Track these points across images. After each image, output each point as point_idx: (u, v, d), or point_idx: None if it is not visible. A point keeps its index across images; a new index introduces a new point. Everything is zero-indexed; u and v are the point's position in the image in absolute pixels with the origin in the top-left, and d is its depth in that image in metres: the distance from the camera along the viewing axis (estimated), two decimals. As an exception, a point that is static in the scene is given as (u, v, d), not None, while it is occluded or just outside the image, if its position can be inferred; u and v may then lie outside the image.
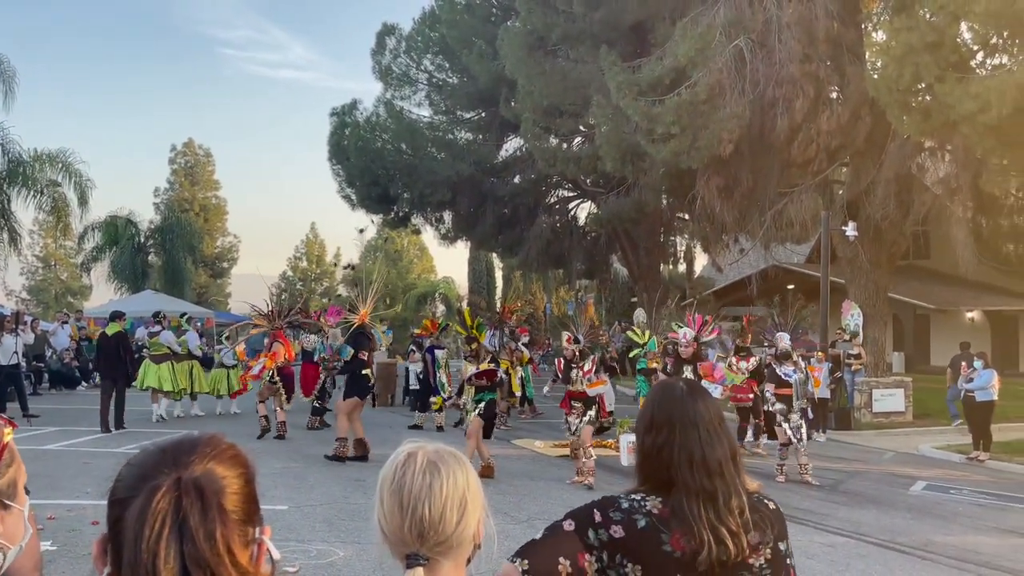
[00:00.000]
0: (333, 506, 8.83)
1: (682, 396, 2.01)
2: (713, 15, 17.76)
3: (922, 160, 18.83)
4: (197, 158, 53.50)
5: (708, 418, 1.97)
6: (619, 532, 1.88)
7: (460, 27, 27.18)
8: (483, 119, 29.82)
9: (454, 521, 1.50)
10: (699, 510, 1.87)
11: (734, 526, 1.86)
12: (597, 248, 31.56)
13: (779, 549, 1.95)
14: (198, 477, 1.12)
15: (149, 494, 1.09)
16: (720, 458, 1.93)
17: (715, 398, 2.15)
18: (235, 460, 1.19)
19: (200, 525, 1.08)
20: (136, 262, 33.97)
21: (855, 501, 10.25)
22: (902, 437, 16.05)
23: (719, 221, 20.30)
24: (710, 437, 1.94)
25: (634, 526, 1.88)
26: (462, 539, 1.53)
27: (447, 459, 1.56)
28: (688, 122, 17.07)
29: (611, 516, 1.90)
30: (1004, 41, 14.38)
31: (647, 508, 1.91)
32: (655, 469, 1.96)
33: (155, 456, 1.17)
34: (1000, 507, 10.23)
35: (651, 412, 2.03)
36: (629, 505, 1.92)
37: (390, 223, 33.60)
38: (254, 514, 1.18)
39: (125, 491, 1.14)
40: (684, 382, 2.12)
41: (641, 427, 2.05)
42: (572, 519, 1.92)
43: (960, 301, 26.84)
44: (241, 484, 1.17)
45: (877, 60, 16.00)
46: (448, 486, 1.51)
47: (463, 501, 1.52)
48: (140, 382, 15.65)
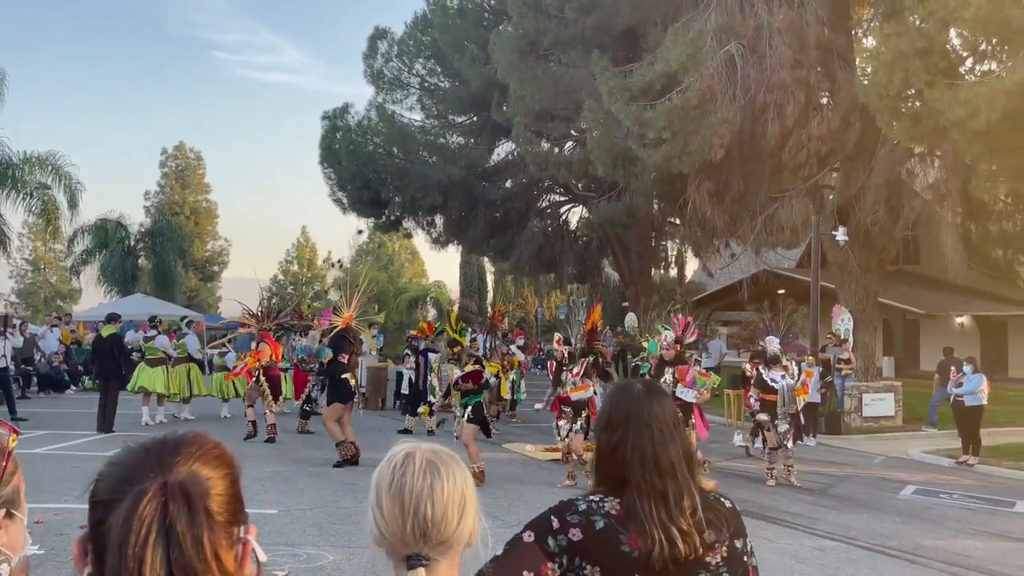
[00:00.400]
0: (323, 510, 8.81)
1: (638, 397, 2.04)
2: (704, 20, 17.82)
3: (912, 166, 18.92)
4: (188, 161, 53.36)
5: (662, 419, 1.99)
6: (577, 535, 1.89)
7: (452, 31, 27.20)
8: (475, 123, 29.83)
9: (455, 520, 1.51)
10: (651, 509, 1.89)
11: (685, 525, 1.89)
12: (588, 252, 31.59)
13: (735, 547, 1.96)
14: (184, 481, 1.10)
15: (135, 499, 1.07)
16: (672, 458, 1.95)
17: (671, 399, 2.17)
18: (220, 460, 1.18)
19: (187, 531, 1.07)
20: (126, 265, 33.84)
21: (845, 505, 10.27)
22: (892, 441, 16.09)
23: (710, 226, 20.34)
24: (663, 437, 1.97)
25: (592, 528, 1.90)
26: (461, 538, 1.53)
27: (445, 459, 1.56)
28: (679, 127, 17.11)
29: (568, 520, 1.92)
30: (993, 47, 14.47)
31: (605, 509, 1.93)
32: (610, 468, 1.99)
33: (138, 456, 1.15)
34: (989, 511, 10.27)
35: (608, 412, 2.06)
36: (587, 507, 1.94)
37: (381, 227, 33.57)
38: (239, 514, 1.17)
39: (107, 492, 1.12)
40: (641, 383, 2.14)
41: (599, 427, 2.08)
42: (531, 530, 1.93)
43: (950, 306, 26.96)
44: (226, 485, 1.16)
45: (867, 66, 16.08)
46: (449, 486, 1.51)
47: (463, 500, 1.52)
48: (133, 385, 15.71)
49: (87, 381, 22.48)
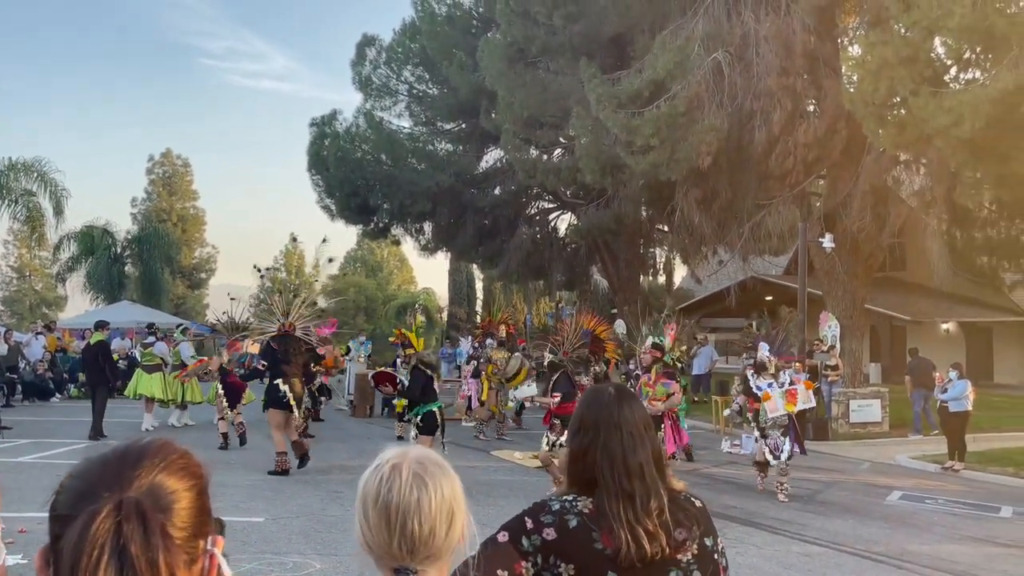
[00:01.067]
0: (310, 518, 8.77)
1: (609, 401, 2.10)
2: (692, 28, 17.91)
3: (898, 173, 19.04)
4: (175, 168, 53.16)
5: (632, 422, 2.05)
6: (551, 534, 1.94)
7: (440, 39, 27.23)
8: (463, 130, 29.85)
9: (443, 533, 1.49)
10: (619, 510, 1.95)
11: (651, 526, 1.94)
12: (577, 259, 31.63)
13: (705, 545, 2.02)
14: (140, 499, 1.05)
15: (88, 519, 1.02)
16: (641, 461, 2.01)
17: (641, 403, 2.21)
18: (185, 471, 1.12)
19: (142, 553, 1.02)
20: (112, 273, 33.65)
21: (832, 511, 10.30)
22: (879, 447, 16.16)
23: (698, 233, 20.41)
24: (632, 440, 2.02)
25: (566, 526, 1.95)
26: (449, 548, 1.52)
27: (432, 470, 1.53)
28: (667, 134, 17.18)
29: (542, 520, 1.97)
30: (977, 56, 14.60)
31: (578, 508, 1.98)
32: (581, 470, 2.04)
33: (97, 470, 1.10)
34: (975, 516, 10.32)
35: (580, 415, 2.12)
36: (560, 507, 1.99)
37: (370, 234, 33.51)
38: (205, 526, 1.12)
39: (65, 507, 1.07)
40: (614, 387, 2.19)
41: (571, 429, 2.14)
42: (505, 530, 1.99)
43: (936, 312, 27.11)
44: (192, 497, 1.11)
45: (853, 74, 16.18)
46: (436, 500, 1.49)
47: (451, 512, 1.51)
48: (132, 391, 15.94)
49: (72, 389, 22.34)
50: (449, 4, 28.16)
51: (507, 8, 22.22)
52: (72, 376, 22.80)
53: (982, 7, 12.26)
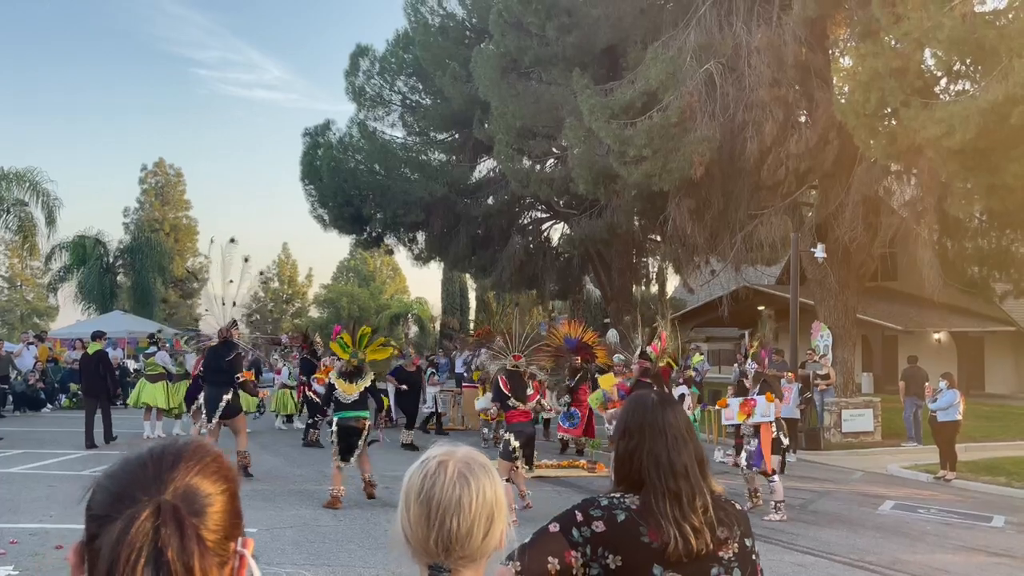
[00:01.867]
0: (303, 528, 8.75)
1: (653, 406, 2.22)
2: (684, 39, 18.00)
3: (889, 183, 19.13)
4: (168, 178, 53.13)
5: (676, 426, 2.18)
6: (600, 527, 2.06)
7: (433, 49, 27.30)
8: (456, 140, 29.90)
9: (481, 535, 1.50)
10: (666, 508, 2.07)
11: (697, 523, 2.06)
12: (570, 269, 31.66)
13: (745, 544, 2.15)
14: (177, 504, 1.07)
15: (127, 522, 1.05)
16: (685, 462, 2.13)
17: (683, 409, 2.30)
18: (219, 474, 1.14)
19: (178, 558, 1.04)
20: (104, 282, 33.57)
21: (824, 521, 10.31)
22: (871, 457, 16.19)
23: (690, 243, 20.45)
24: (676, 443, 2.15)
25: (615, 520, 2.07)
26: (486, 551, 1.53)
27: (476, 471, 1.54)
28: (659, 145, 17.23)
29: (592, 514, 2.08)
30: (967, 67, 14.68)
31: (626, 504, 2.10)
32: (628, 472, 2.17)
33: (135, 472, 1.11)
34: (967, 526, 10.34)
35: (625, 420, 2.24)
36: (608, 502, 2.11)
37: (363, 243, 33.50)
38: (236, 528, 1.15)
39: (101, 508, 1.10)
40: (656, 394, 2.32)
41: (617, 434, 2.26)
42: (556, 522, 2.11)
43: (927, 322, 27.21)
44: (225, 500, 1.13)
45: (844, 85, 16.29)
46: (477, 501, 1.50)
47: (491, 515, 1.52)
48: (135, 400, 16.26)
49: (64, 400, 22.25)
50: (442, 15, 28.25)
51: (500, 19, 22.30)
52: (63, 387, 22.71)
53: (971, 19, 12.37)
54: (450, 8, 28.23)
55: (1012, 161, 12.45)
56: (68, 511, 9.24)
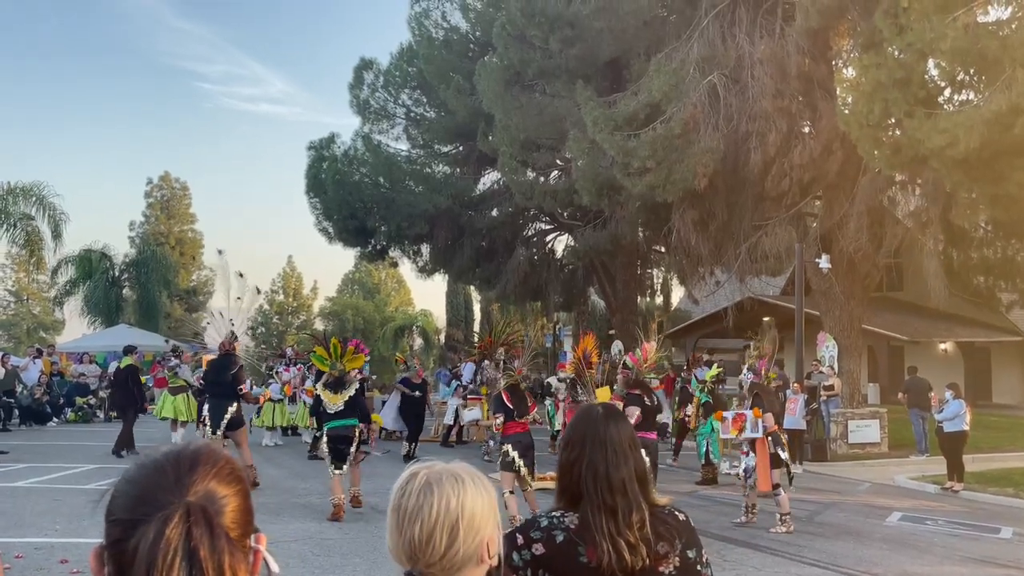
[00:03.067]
0: (307, 542, 8.73)
1: (596, 418, 2.22)
2: (687, 51, 18.05)
3: (893, 193, 19.12)
4: (173, 191, 53.32)
5: (618, 439, 2.16)
6: (540, 549, 2.06)
7: (437, 62, 27.40)
8: (461, 153, 29.98)
9: (443, 545, 1.51)
10: (601, 522, 2.05)
11: (632, 539, 2.04)
12: (575, 280, 31.66)
13: (688, 557, 2.11)
14: (204, 505, 1.13)
15: (161, 524, 1.09)
16: (624, 477, 2.11)
17: (629, 422, 2.35)
18: (232, 475, 1.20)
19: (210, 557, 1.10)
20: (110, 296, 33.64)
21: (831, 532, 10.26)
22: (877, 468, 16.12)
23: (695, 254, 20.45)
24: (616, 457, 2.13)
25: (553, 541, 2.06)
26: (455, 563, 1.52)
27: (445, 481, 1.55)
28: (663, 156, 17.26)
29: (532, 536, 2.08)
30: (970, 77, 14.69)
31: (565, 523, 2.09)
32: (568, 484, 2.16)
33: (155, 475, 1.16)
34: (975, 537, 10.28)
35: (570, 432, 2.25)
36: (548, 523, 2.10)
37: (368, 256, 33.56)
38: (250, 526, 1.21)
39: (124, 512, 1.14)
40: (602, 406, 2.32)
41: (561, 445, 2.27)
42: None
43: (933, 333, 27.13)
44: (240, 501, 1.19)
45: (847, 96, 16.28)
46: (437, 509, 1.52)
47: (454, 525, 1.51)
48: (158, 412, 16.97)
49: (70, 413, 22.28)
50: (446, 28, 28.38)
51: (504, 32, 22.39)
52: (68, 400, 22.73)
53: (974, 30, 12.38)
54: (454, 22, 28.38)
55: (1016, 171, 12.43)
56: (73, 525, 9.23)
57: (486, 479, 1.64)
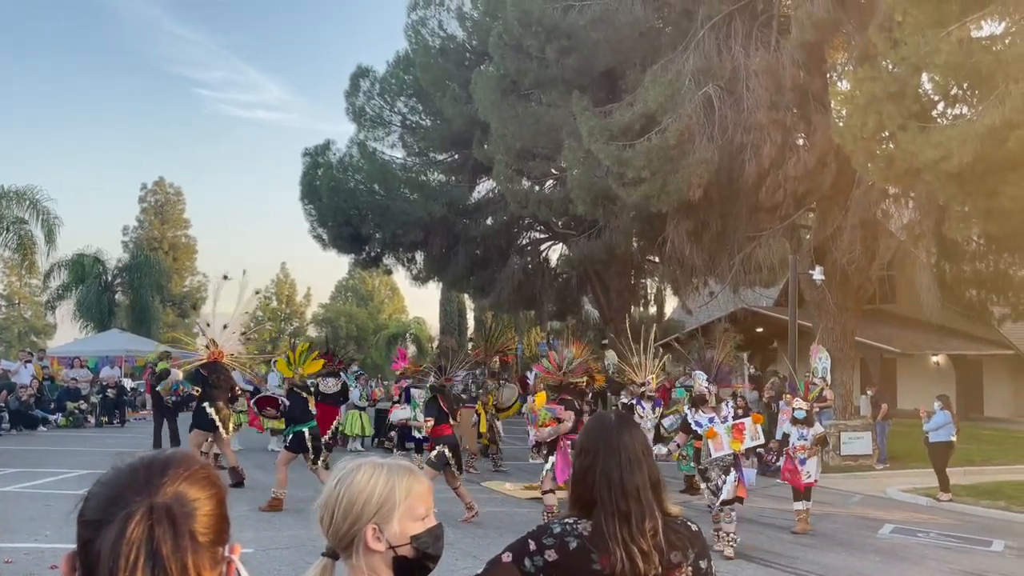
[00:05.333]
0: (300, 549, 8.70)
1: (610, 426, 2.23)
2: (682, 62, 18.11)
3: (887, 206, 19.19)
4: (167, 196, 53.22)
5: (632, 447, 2.17)
6: (553, 555, 2.06)
7: (434, 70, 27.44)
8: (456, 161, 30.00)
9: (326, 524, 1.74)
10: (614, 529, 2.06)
11: (646, 546, 2.04)
12: (568, 290, 31.66)
13: (700, 567, 2.13)
14: (170, 504, 1.13)
15: (123, 522, 1.09)
16: (638, 483, 2.11)
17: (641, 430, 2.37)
18: (207, 481, 1.20)
19: (172, 555, 1.09)
20: (103, 301, 33.54)
21: (824, 544, 10.26)
22: (870, 480, 16.14)
23: (688, 264, 20.48)
24: (630, 464, 2.14)
25: (566, 548, 2.06)
26: (338, 542, 1.72)
27: (361, 467, 1.73)
28: (658, 167, 17.30)
29: (544, 542, 2.08)
30: (964, 92, 14.78)
31: (579, 530, 2.09)
32: (582, 491, 2.16)
33: (126, 477, 1.16)
34: (967, 550, 10.30)
35: (583, 439, 2.26)
36: (561, 529, 2.10)
37: (362, 263, 33.52)
38: (224, 534, 1.20)
39: (94, 513, 1.14)
40: (615, 414, 2.35)
41: (575, 453, 2.28)
42: (509, 551, 2.10)
43: (926, 345, 27.21)
44: (213, 506, 1.19)
45: (842, 108, 16.35)
46: (335, 490, 1.72)
47: (348, 507, 1.70)
48: None
49: (61, 418, 22.17)
50: (443, 37, 28.43)
51: (500, 41, 22.44)
52: (59, 405, 22.62)
53: (968, 45, 12.46)
54: (450, 30, 28.43)
55: (1009, 185, 12.49)
56: (63, 530, 9.18)
57: (406, 477, 1.73)
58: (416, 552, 1.68)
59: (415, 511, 1.70)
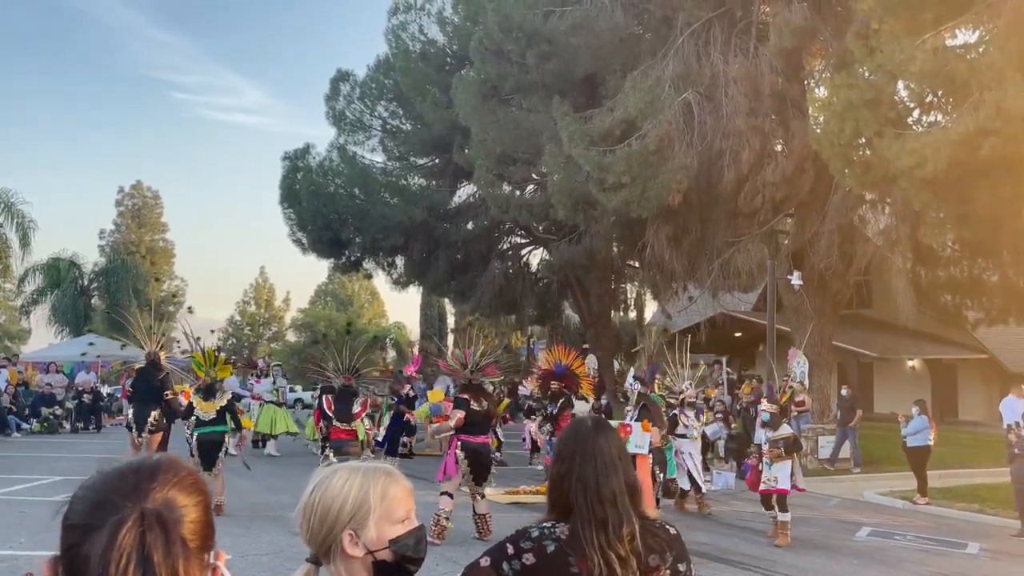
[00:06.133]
0: (279, 555, 8.65)
1: (586, 431, 2.21)
2: (662, 69, 18.22)
3: (863, 212, 19.37)
4: (145, 200, 52.80)
5: (607, 451, 2.16)
6: (530, 559, 2.05)
7: (414, 75, 27.44)
8: (437, 165, 29.99)
9: (305, 527, 1.71)
10: (591, 535, 2.05)
11: (623, 551, 2.04)
12: (549, 294, 31.72)
13: (678, 569, 2.12)
14: (161, 511, 1.12)
15: (114, 528, 1.09)
16: (614, 488, 2.11)
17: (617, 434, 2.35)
18: (194, 487, 1.20)
19: (163, 561, 1.09)
20: (78, 305, 33.23)
21: (801, 547, 10.32)
22: (847, 483, 16.25)
23: (668, 269, 20.58)
24: (606, 469, 2.13)
25: (544, 551, 2.06)
26: (317, 548, 1.70)
27: (340, 471, 1.72)
28: (638, 172, 17.38)
29: (522, 546, 2.08)
30: (939, 99, 14.96)
31: (556, 534, 2.09)
32: (559, 497, 2.16)
33: (114, 481, 1.16)
34: (943, 552, 10.40)
35: (560, 445, 2.25)
36: (539, 533, 2.10)
37: (342, 267, 33.41)
38: (209, 540, 1.20)
39: (80, 517, 1.13)
40: (591, 419, 2.33)
41: (553, 459, 2.27)
42: (488, 555, 2.10)
43: (901, 349, 27.45)
44: (200, 512, 1.19)
45: (819, 115, 16.50)
46: (310, 496, 1.71)
47: (323, 513, 1.68)
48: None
49: (35, 424, 21.93)
50: (423, 41, 28.44)
51: (481, 46, 22.47)
52: (34, 411, 22.38)
53: (943, 53, 12.61)
54: (431, 35, 28.45)
55: (982, 191, 12.65)
56: (38, 538, 9.08)
57: (382, 480, 1.72)
58: (396, 556, 1.67)
59: (393, 514, 1.69)
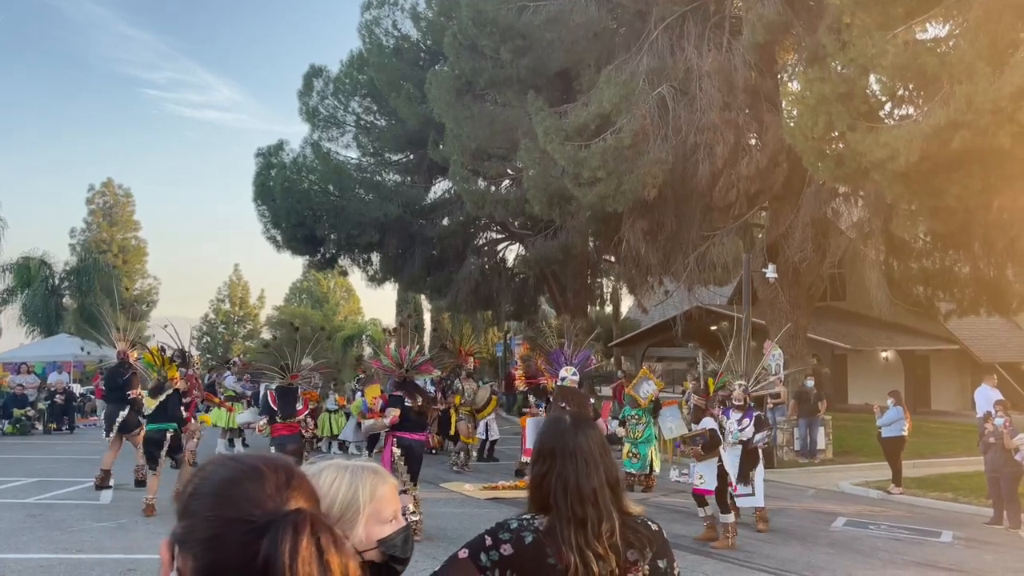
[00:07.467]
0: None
1: (565, 429, 2.18)
2: (636, 63, 18.25)
3: (837, 205, 19.53)
4: (116, 198, 52.15)
5: (588, 449, 2.12)
6: (508, 550, 2.04)
7: (388, 70, 27.29)
8: (411, 161, 29.86)
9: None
10: (569, 535, 2.03)
11: (601, 549, 2.02)
12: (525, 290, 31.70)
13: (658, 566, 2.10)
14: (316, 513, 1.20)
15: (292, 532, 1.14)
16: (594, 486, 2.08)
17: (598, 430, 2.29)
18: (313, 492, 1.27)
19: (338, 559, 1.17)
20: (50, 305, 32.79)
21: (778, 538, 10.41)
22: (823, 474, 16.41)
23: (644, 263, 20.64)
24: (587, 467, 2.10)
25: (522, 542, 2.05)
26: None
27: (327, 469, 1.71)
28: (613, 167, 17.40)
29: (500, 537, 2.07)
30: (910, 93, 15.09)
31: (535, 525, 2.08)
32: (539, 496, 2.13)
33: (256, 484, 1.20)
34: (917, 542, 10.52)
35: (538, 444, 2.21)
36: (518, 524, 2.09)
37: (316, 265, 33.19)
38: None
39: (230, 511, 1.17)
40: (571, 416, 2.27)
41: (532, 459, 2.25)
42: (466, 547, 2.10)
43: (875, 341, 27.75)
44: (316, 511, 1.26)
45: (793, 109, 16.60)
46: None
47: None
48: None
49: (7, 425, 21.63)
50: (397, 36, 28.29)
51: (455, 41, 22.39)
52: (5, 412, 22.07)
53: (914, 47, 12.72)
54: (405, 30, 28.30)
55: (954, 184, 12.78)
56: (11, 540, 8.95)
57: (371, 479, 1.72)
58: (383, 556, 1.66)
59: (381, 514, 1.68)
